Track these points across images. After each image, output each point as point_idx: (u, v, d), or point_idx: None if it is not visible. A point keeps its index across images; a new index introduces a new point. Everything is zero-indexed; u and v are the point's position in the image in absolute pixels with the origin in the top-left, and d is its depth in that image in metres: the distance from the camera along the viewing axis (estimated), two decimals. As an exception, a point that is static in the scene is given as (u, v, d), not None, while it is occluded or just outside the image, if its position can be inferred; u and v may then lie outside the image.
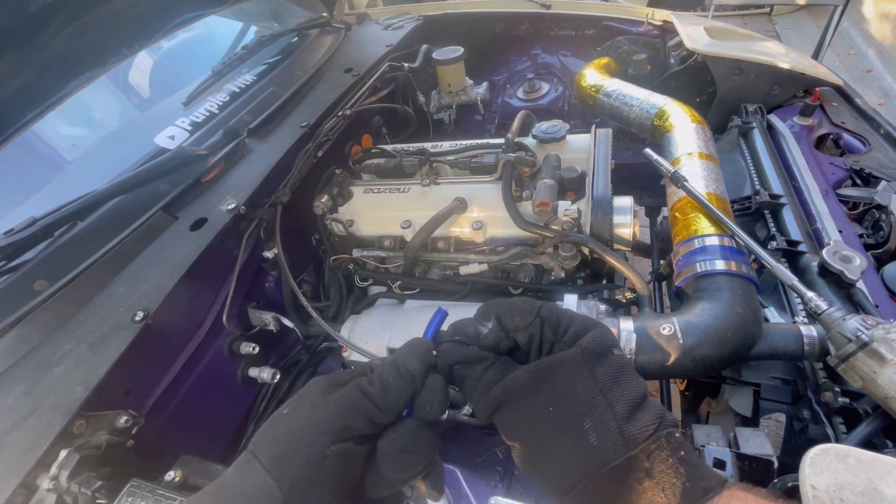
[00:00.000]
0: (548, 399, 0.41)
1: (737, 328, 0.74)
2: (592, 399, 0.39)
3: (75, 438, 0.67)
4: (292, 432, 0.40)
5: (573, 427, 0.39)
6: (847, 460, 0.49)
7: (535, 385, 0.41)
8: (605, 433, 0.38)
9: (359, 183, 1.20)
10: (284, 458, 0.38)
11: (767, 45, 1.52)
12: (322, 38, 1.71)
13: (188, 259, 0.87)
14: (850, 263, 0.81)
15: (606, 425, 0.38)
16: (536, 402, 0.41)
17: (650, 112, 1.22)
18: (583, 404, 0.39)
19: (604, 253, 0.89)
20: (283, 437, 0.40)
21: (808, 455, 0.49)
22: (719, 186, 0.95)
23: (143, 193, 1.00)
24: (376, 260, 1.11)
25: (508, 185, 1.00)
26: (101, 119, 1.52)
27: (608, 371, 0.41)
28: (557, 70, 1.88)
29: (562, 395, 0.40)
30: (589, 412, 0.39)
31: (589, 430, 0.38)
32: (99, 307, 0.82)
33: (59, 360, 0.75)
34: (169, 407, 0.84)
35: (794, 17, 5.19)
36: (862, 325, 0.64)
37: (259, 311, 1.03)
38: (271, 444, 0.40)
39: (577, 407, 0.39)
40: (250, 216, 1.00)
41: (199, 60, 1.68)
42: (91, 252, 0.90)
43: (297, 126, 1.20)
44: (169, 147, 1.10)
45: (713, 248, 0.84)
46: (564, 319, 0.44)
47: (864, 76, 4.10)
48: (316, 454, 0.39)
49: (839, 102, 1.36)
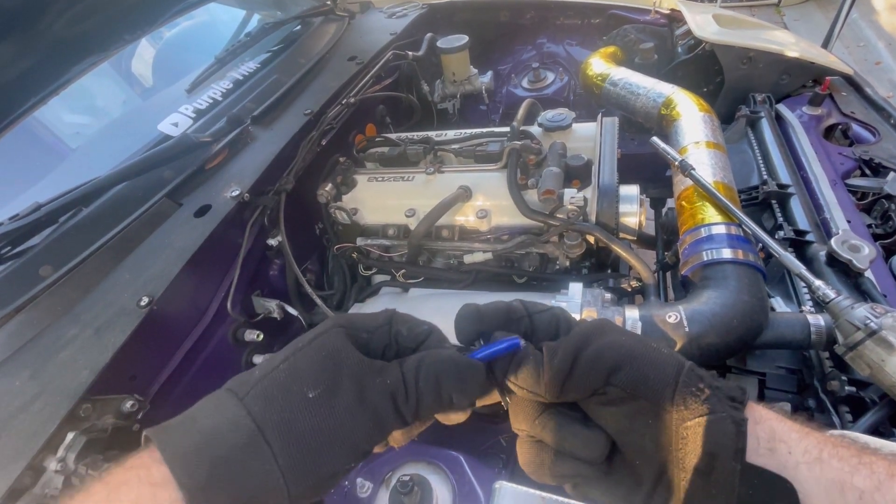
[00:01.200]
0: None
1: (743, 317, 0.73)
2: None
3: (82, 421, 0.67)
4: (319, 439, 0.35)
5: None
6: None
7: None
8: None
9: (363, 171, 1.20)
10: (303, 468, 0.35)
11: (776, 33, 1.50)
12: (325, 26, 1.69)
13: (192, 246, 0.87)
14: (858, 253, 0.81)
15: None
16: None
17: (657, 101, 1.20)
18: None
19: (609, 242, 0.88)
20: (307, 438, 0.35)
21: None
22: (727, 175, 0.95)
23: (147, 180, 1.00)
24: (380, 248, 1.11)
25: (513, 173, 0.99)
26: (104, 107, 1.52)
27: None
28: (563, 59, 1.86)
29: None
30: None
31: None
32: (104, 293, 0.82)
33: (64, 344, 0.75)
34: (174, 393, 0.85)
35: (802, 8, 5.12)
36: (871, 314, 0.64)
37: (263, 299, 1.03)
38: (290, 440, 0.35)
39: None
40: (254, 204, 1.00)
41: (202, 49, 1.67)
42: (96, 238, 0.89)
43: (300, 114, 1.19)
44: (172, 134, 1.10)
45: (720, 236, 0.83)
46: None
47: (873, 68, 4.04)
48: (334, 470, 0.36)
49: (848, 92, 1.34)
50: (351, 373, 0.38)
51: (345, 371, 0.38)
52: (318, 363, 0.38)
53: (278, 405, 0.36)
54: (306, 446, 0.35)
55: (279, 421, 0.35)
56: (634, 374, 0.37)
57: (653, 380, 0.37)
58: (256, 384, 0.37)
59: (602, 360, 0.38)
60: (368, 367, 0.39)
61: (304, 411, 0.36)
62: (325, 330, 0.40)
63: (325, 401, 0.36)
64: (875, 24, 4.55)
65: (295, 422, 0.35)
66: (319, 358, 0.38)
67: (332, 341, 0.39)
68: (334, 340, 0.39)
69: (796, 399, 0.78)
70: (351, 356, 0.39)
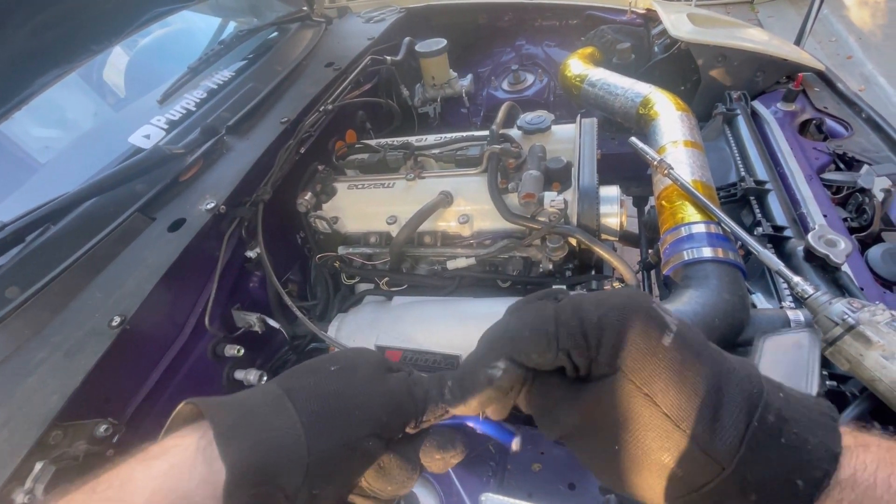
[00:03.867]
0: (609, 439, 0.34)
1: (724, 315, 0.73)
2: (660, 427, 0.32)
3: (51, 449, 0.64)
4: (339, 402, 0.38)
5: (652, 462, 0.32)
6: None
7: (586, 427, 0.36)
8: (690, 461, 0.31)
9: (343, 179, 1.18)
10: (323, 426, 0.37)
11: (750, 31, 1.52)
12: (302, 33, 1.67)
13: (166, 261, 0.85)
14: (834, 247, 0.82)
15: (688, 453, 0.31)
16: (597, 443, 0.35)
17: (635, 101, 1.21)
18: (653, 436, 0.32)
19: (591, 243, 0.88)
20: (328, 399, 0.38)
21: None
22: (705, 174, 0.95)
23: (118, 195, 0.97)
24: (362, 257, 1.09)
25: (494, 177, 0.98)
26: (74, 119, 1.47)
27: (667, 381, 0.32)
28: (542, 61, 1.87)
29: (624, 432, 0.33)
30: (663, 442, 0.32)
31: (669, 463, 0.32)
32: (74, 313, 0.79)
33: (33, 368, 0.72)
34: (151, 413, 0.82)
35: (775, 6, 5.23)
36: (848, 309, 0.64)
37: (243, 313, 1.01)
38: (312, 399, 0.38)
39: (648, 441, 0.32)
40: (231, 215, 0.98)
41: (177, 57, 1.63)
42: (65, 256, 0.86)
43: (277, 122, 1.17)
44: (144, 146, 1.07)
45: (700, 235, 0.84)
46: (592, 331, 0.34)
47: (844, 63, 4.15)
48: (353, 439, 0.38)
49: (821, 88, 1.36)
50: (370, 362, 0.43)
51: (365, 361, 0.43)
52: (343, 355, 0.44)
53: (305, 377, 0.40)
54: (327, 406, 0.38)
55: (303, 386, 0.39)
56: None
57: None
58: (282, 374, 0.42)
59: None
60: (387, 363, 0.45)
61: (326, 379, 0.40)
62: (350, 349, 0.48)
63: (347, 374, 0.41)
64: (845, 20, 4.67)
65: (318, 386, 0.39)
66: (345, 353, 0.45)
67: (359, 350, 0.46)
68: (362, 350, 0.46)
69: (779, 395, 0.79)
70: (372, 356, 0.44)
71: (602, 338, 0.34)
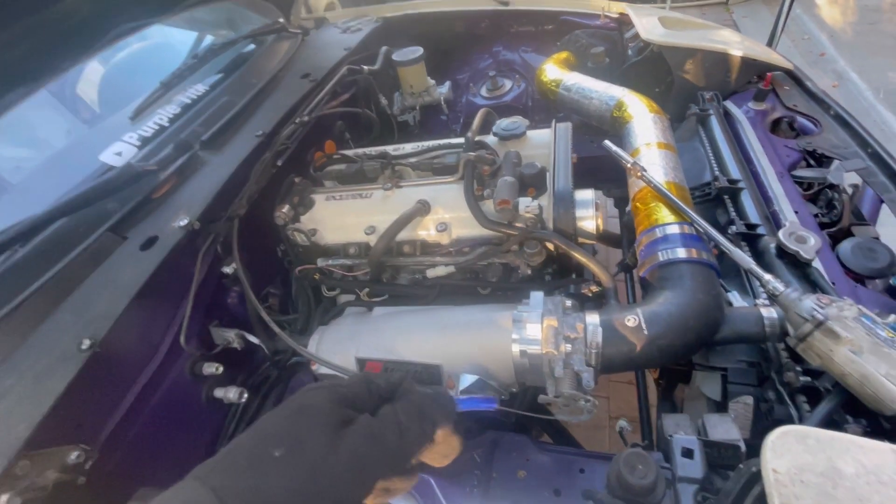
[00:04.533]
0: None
1: (699, 315, 0.74)
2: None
3: (18, 480, 0.62)
4: (289, 497, 0.32)
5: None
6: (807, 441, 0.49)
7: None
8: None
9: (320, 190, 1.17)
10: (228, 469, 0.32)
11: (721, 33, 1.55)
12: (278, 44, 1.66)
13: (139, 280, 0.83)
14: (805, 243, 0.83)
15: None
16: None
17: (609, 104, 1.23)
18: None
19: (567, 247, 0.88)
20: (278, 496, 0.32)
21: (769, 439, 0.49)
22: (678, 175, 0.96)
23: (88, 214, 0.95)
24: (342, 268, 1.08)
25: (470, 184, 0.98)
26: (45, 138, 1.45)
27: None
28: (519, 66, 1.88)
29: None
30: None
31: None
32: (43, 337, 0.77)
33: (0, 396, 0.70)
34: (127, 436, 0.80)
35: (749, 6, 5.35)
36: (817, 305, 0.66)
37: (222, 329, 0.99)
38: (246, 495, 0.32)
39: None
40: (206, 231, 0.96)
41: (154, 72, 1.61)
42: (33, 279, 0.84)
43: (252, 135, 1.16)
44: (116, 164, 1.05)
45: (674, 236, 0.85)
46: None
47: (818, 60, 4.25)
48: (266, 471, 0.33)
49: (791, 86, 1.39)
50: (322, 423, 0.36)
51: (316, 422, 0.36)
52: (286, 420, 0.36)
53: (242, 472, 0.33)
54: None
55: (245, 489, 0.32)
56: None
57: None
58: (222, 460, 0.34)
59: None
60: (343, 415, 0.37)
61: (272, 473, 0.33)
62: (300, 393, 0.39)
63: (294, 457, 0.34)
64: (817, 18, 4.79)
65: (263, 487, 0.32)
66: (288, 415, 0.37)
67: (304, 398, 0.38)
68: (307, 397, 0.38)
69: (757, 392, 0.80)
70: (323, 407, 0.37)
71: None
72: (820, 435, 0.49)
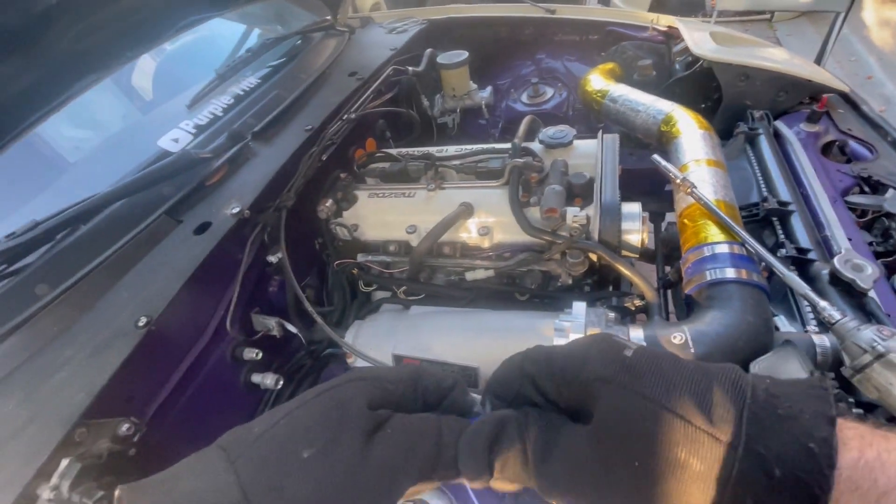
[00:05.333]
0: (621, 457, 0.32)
1: (748, 338, 0.73)
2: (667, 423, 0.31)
3: (76, 447, 0.65)
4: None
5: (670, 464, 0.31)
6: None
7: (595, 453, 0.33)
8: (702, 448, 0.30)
9: (363, 187, 1.20)
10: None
11: (772, 51, 1.52)
12: (326, 42, 1.70)
13: (192, 264, 0.86)
14: (862, 272, 0.81)
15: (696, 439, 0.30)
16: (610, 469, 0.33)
17: (657, 118, 1.21)
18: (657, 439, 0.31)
19: (613, 260, 0.88)
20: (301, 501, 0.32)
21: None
22: (728, 193, 0.95)
23: (146, 197, 0.99)
24: (381, 265, 1.10)
25: (515, 190, 0.99)
26: (104, 121, 1.51)
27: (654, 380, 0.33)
28: (562, 75, 1.88)
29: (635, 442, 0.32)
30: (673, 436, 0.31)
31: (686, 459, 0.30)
32: (101, 312, 0.81)
33: (60, 366, 0.73)
34: (171, 414, 0.83)
35: (794, 24, 5.21)
36: (878, 336, 0.64)
37: (262, 317, 1.02)
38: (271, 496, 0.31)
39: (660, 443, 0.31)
40: (254, 220, 0.99)
41: (203, 63, 1.67)
42: (93, 256, 0.88)
43: (301, 129, 1.19)
44: (172, 150, 1.09)
45: (723, 255, 0.83)
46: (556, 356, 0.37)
47: (864, 83, 4.11)
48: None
49: (845, 109, 1.35)
50: (357, 426, 0.35)
51: (350, 425, 0.34)
52: (321, 416, 0.35)
53: (272, 469, 0.32)
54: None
55: (270, 488, 0.31)
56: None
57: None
58: (253, 444, 0.34)
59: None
60: (380, 417, 0.36)
61: (298, 474, 0.32)
62: (340, 382, 0.37)
63: (323, 460, 0.33)
64: (866, 40, 4.64)
65: (288, 488, 0.32)
66: (324, 410, 0.35)
67: (343, 393, 0.36)
68: (346, 392, 0.36)
69: (803, 420, 0.78)
70: (361, 408, 0.36)
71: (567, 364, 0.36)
72: None
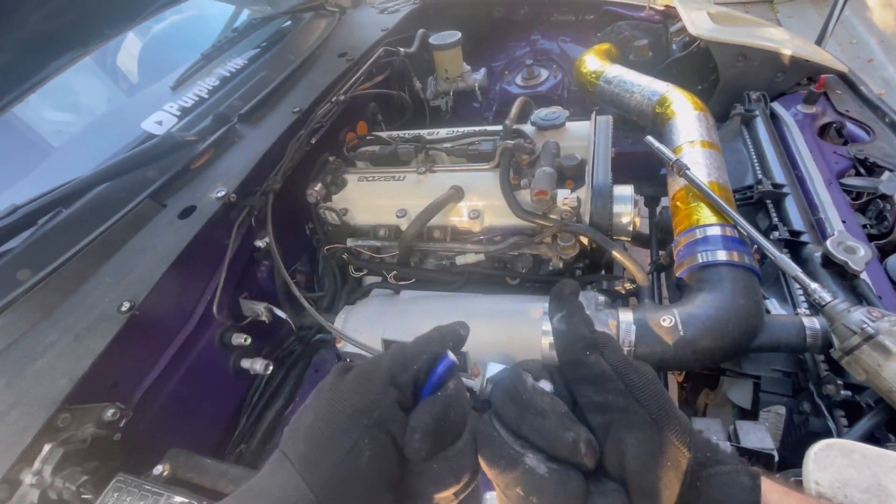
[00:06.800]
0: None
1: (738, 320, 0.72)
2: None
3: (59, 432, 0.65)
4: (317, 425, 0.38)
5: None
6: (852, 456, 0.48)
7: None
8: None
9: (353, 171, 1.17)
10: (314, 456, 0.36)
11: (771, 31, 1.49)
12: (316, 22, 1.66)
13: (176, 248, 0.85)
14: (854, 254, 0.80)
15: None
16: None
17: (651, 99, 1.19)
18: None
19: (603, 243, 0.87)
20: (309, 431, 0.37)
21: (812, 450, 0.48)
22: (722, 175, 0.93)
23: (130, 180, 0.97)
24: (371, 249, 1.09)
25: (506, 172, 0.97)
26: (87, 104, 1.48)
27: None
28: (557, 56, 1.84)
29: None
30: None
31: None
32: (84, 297, 0.79)
33: (42, 351, 0.72)
34: (158, 399, 0.82)
35: (795, 5, 5.12)
36: (867, 318, 0.63)
37: (251, 302, 1.01)
38: (298, 441, 0.37)
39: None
40: (241, 204, 0.97)
41: (191, 44, 1.63)
42: (76, 241, 0.87)
43: (289, 112, 1.16)
44: (156, 133, 1.07)
45: (715, 238, 0.82)
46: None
47: (865, 65, 4.06)
48: (347, 447, 0.36)
49: (843, 90, 1.33)
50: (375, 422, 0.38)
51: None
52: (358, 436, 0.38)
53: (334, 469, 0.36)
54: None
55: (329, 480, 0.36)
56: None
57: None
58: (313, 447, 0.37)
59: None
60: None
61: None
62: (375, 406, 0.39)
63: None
64: (867, 21, 4.57)
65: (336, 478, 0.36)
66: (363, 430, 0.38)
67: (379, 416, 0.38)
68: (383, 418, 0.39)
69: (791, 402, 0.78)
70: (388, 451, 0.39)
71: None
72: (866, 451, 0.48)
